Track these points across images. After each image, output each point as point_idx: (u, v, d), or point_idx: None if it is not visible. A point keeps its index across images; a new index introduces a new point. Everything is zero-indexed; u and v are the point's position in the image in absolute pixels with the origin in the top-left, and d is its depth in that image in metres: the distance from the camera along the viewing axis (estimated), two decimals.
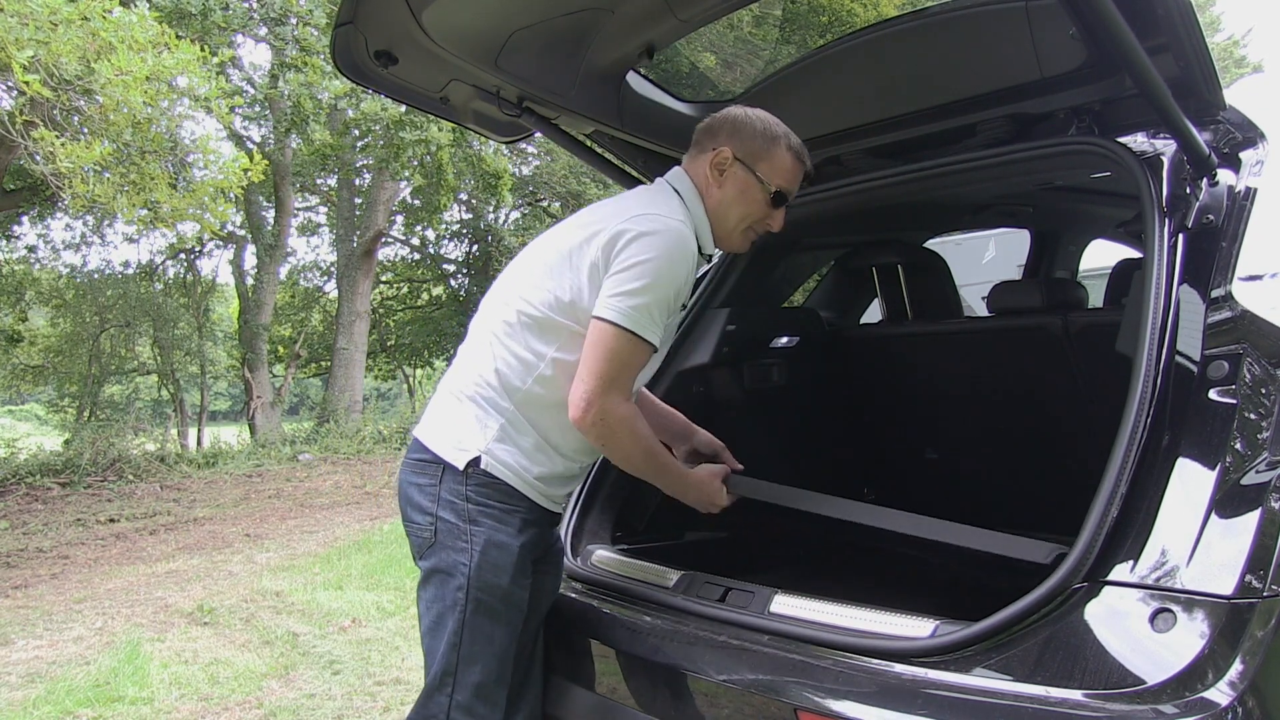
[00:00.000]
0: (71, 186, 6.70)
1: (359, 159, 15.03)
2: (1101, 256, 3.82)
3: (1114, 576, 1.26)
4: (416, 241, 21.85)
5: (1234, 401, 1.33)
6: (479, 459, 1.67)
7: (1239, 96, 1.83)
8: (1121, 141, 1.76)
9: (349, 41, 1.93)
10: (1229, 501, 1.24)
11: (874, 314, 3.28)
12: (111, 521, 8.69)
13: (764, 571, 1.95)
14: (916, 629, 1.42)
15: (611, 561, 2.03)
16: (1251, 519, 1.20)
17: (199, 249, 18.73)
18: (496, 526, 1.67)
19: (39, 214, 13.77)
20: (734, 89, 2.52)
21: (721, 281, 2.53)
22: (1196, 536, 1.23)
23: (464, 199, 19.08)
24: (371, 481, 10.98)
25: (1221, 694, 1.08)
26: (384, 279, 22.65)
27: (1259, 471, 1.25)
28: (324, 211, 21.11)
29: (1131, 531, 1.29)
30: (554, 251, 1.75)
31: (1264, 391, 1.34)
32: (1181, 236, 1.58)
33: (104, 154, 6.69)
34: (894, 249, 2.91)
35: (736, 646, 1.56)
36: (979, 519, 2.70)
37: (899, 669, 1.35)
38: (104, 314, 17.24)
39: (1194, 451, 1.32)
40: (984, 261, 6.41)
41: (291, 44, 11.49)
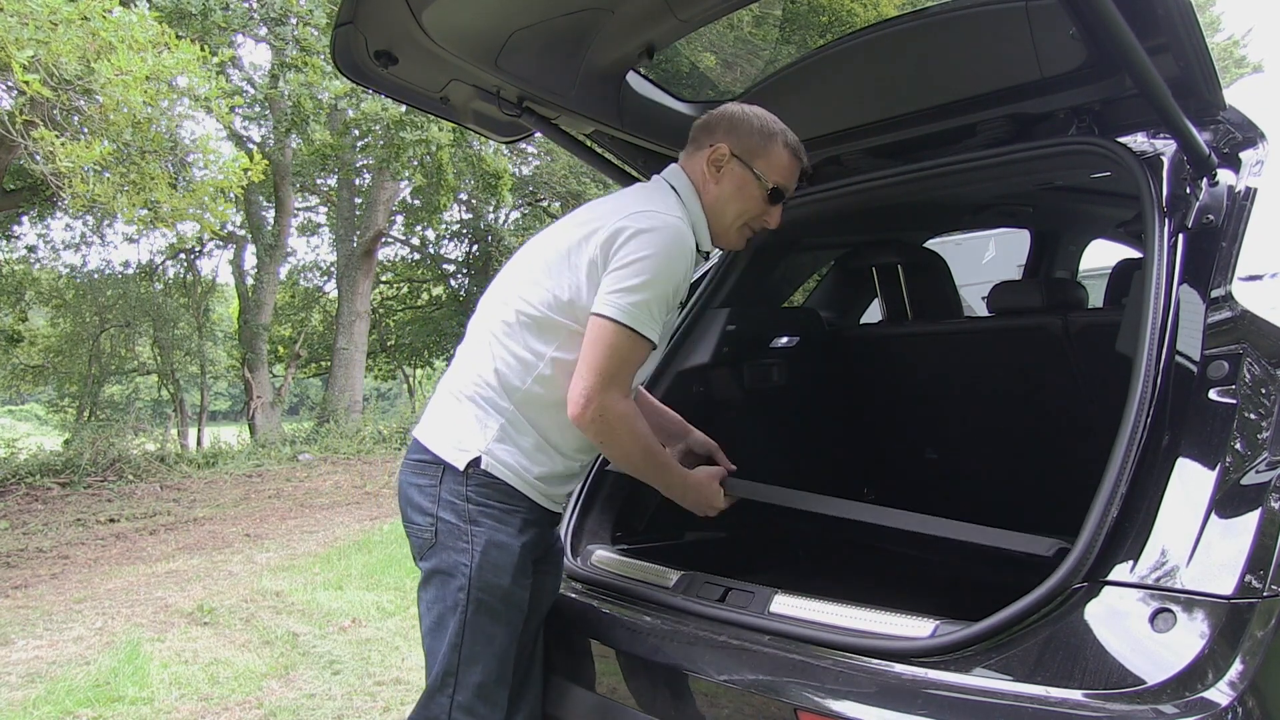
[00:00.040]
0: (71, 186, 6.71)
1: (359, 159, 15.04)
2: (1101, 256, 3.82)
3: (1114, 576, 1.26)
4: (416, 241, 21.86)
5: (1234, 401, 1.33)
6: (479, 459, 1.67)
7: (1239, 96, 1.83)
8: (1121, 141, 1.76)
9: (349, 41, 1.93)
10: (1229, 501, 1.24)
11: (874, 314, 3.28)
12: (111, 521, 8.69)
13: (764, 571, 1.95)
14: (916, 629, 1.42)
15: (611, 561, 2.03)
16: (1251, 519, 1.21)
17: (199, 249, 18.74)
18: (497, 527, 1.67)
19: (39, 214, 13.78)
20: (734, 89, 2.52)
21: (721, 281, 2.53)
22: (1196, 536, 1.23)
23: (464, 199, 19.09)
24: (371, 481, 10.98)
25: (1221, 694, 1.08)
26: (384, 279, 22.66)
27: (1259, 471, 1.25)
28: (324, 211, 21.12)
29: (1131, 531, 1.29)
30: (552, 250, 1.74)
31: (1264, 391, 1.34)
32: (1181, 236, 1.59)
33: (104, 154, 6.69)
34: (894, 249, 2.91)
35: (736, 646, 1.56)
36: (979, 519, 2.71)
37: (899, 669, 1.35)
38: (104, 314, 17.24)
39: (1194, 451, 1.32)
40: (984, 261, 6.41)
41: (291, 44, 11.49)
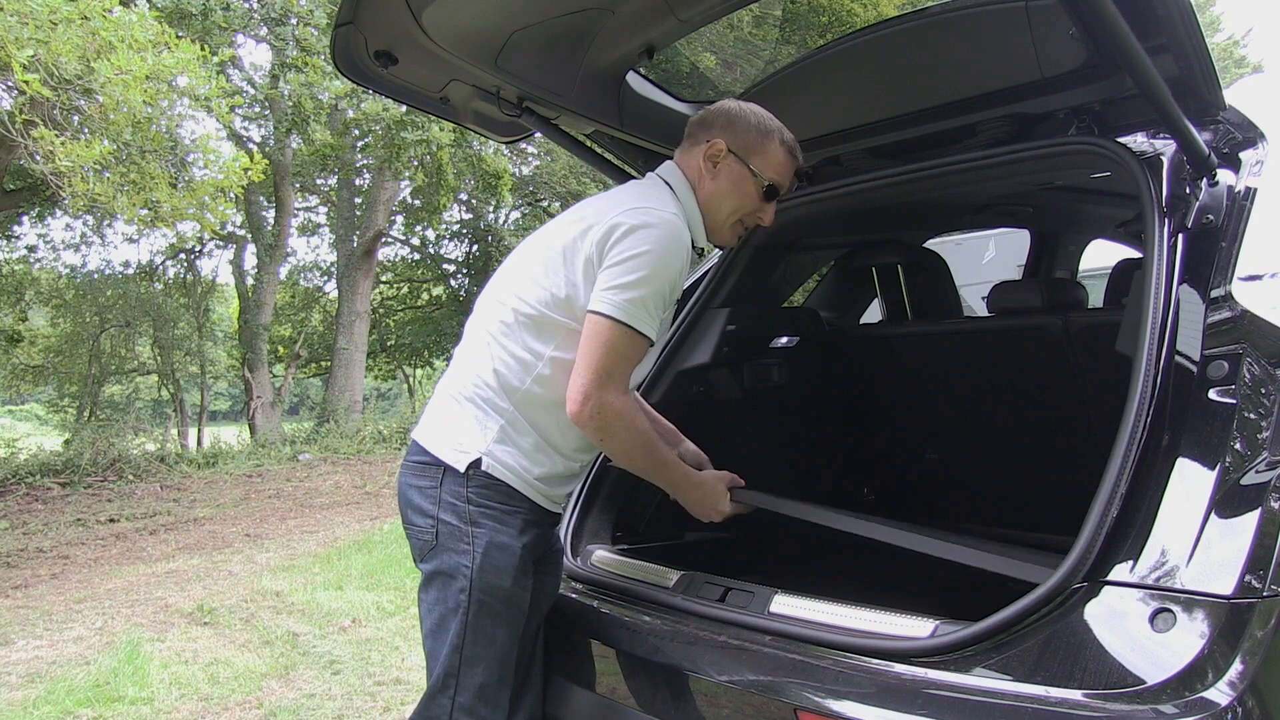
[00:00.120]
0: (71, 186, 6.71)
1: (359, 159, 15.04)
2: (1101, 256, 3.82)
3: (1114, 576, 1.26)
4: (416, 241, 21.85)
5: (1234, 401, 1.33)
6: (480, 460, 1.67)
7: (1239, 96, 1.83)
8: (1121, 141, 1.75)
9: (349, 41, 1.93)
10: (1229, 501, 1.24)
11: (874, 314, 3.28)
12: (111, 521, 8.69)
13: (764, 571, 1.94)
14: (916, 629, 1.42)
15: (611, 562, 2.02)
16: (1251, 519, 1.20)
17: (199, 249, 18.74)
18: (498, 528, 1.67)
19: (39, 214, 13.77)
20: (734, 89, 2.52)
21: (721, 281, 2.52)
22: (1196, 536, 1.22)
23: (464, 199, 19.09)
24: (371, 481, 10.98)
25: (1221, 694, 1.08)
26: (384, 279, 22.66)
27: (1259, 471, 1.25)
28: (324, 211, 21.11)
29: (1131, 531, 1.29)
30: (548, 249, 1.74)
31: (1264, 391, 1.34)
32: (1181, 236, 1.58)
33: (104, 153, 6.70)
34: (894, 249, 2.90)
35: (736, 646, 1.56)
36: (978, 519, 2.72)
37: (899, 669, 1.35)
38: (104, 314, 17.26)
39: (1194, 451, 1.32)
40: (984, 261, 6.41)
41: (292, 44, 11.49)
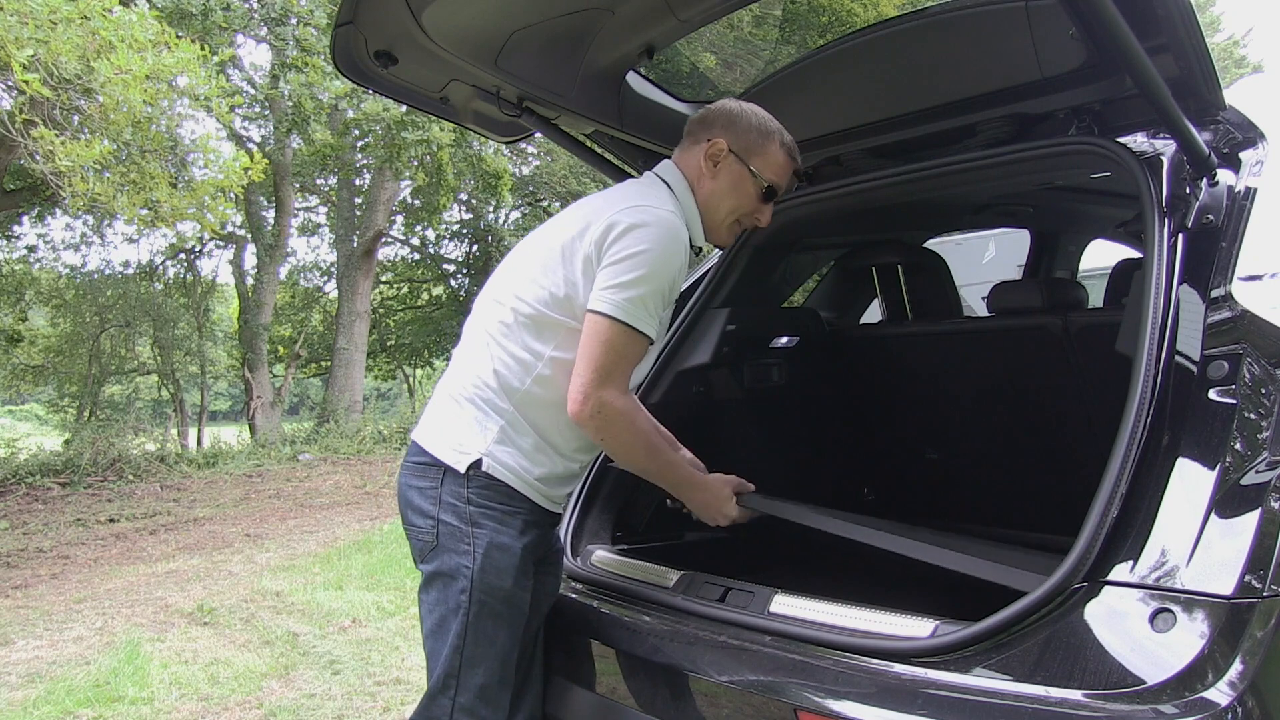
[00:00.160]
0: (71, 185, 6.71)
1: (359, 159, 15.04)
2: (1101, 256, 3.82)
3: (1114, 576, 1.26)
4: (416, 241, 21.86)
5: (1234, 401, 1.33)
6: (480, 461, 1.67)
7: (1239, 96, 1.83)
8: (1121, 141, 1.75)
9: (349, 41, 1.93)
10: (1229, 501, 1.24)
11: (874, 314, 3.28)
12: (111, 521, 8.69)
13: (764, 571, 1.94)
14: (916, 629, 1.42)
15: (611, 562, 2.02)
16: (1251, 519, 1.20)
17: (199, 249, 18.74)
18: (498, 529, 1.67)
19: (39, 214, 13.77)
20: (734, 89, 2.52)
21: (721, 281, 2.52)
22: (1196, 536, 1.22)
23: (464, 199, 19.09)
24: (371, 481, 10.98)
25: (1221, 694, 1.08)
26: (384, 279, 22.65)
27: (1259, 471, 1.25)
28: (324, 211, 21.11)
29: (1131, 531, 1.29)
30: (546, 248, 1.74)
31: (1264, 391, 1.34)
32: (1181, 236, 1.58)
33: (104, 153, 6.70)
34: (894, 249, 2.90)
35: (736, 646, 1.56)
36: (978, 519, 2.72)
37: (899, 669, 1.35)
38: (104, 314, 17.26)
39: (1194, 451, 1.32)
40: (984, 261, 6.41)
41: (292, 44, 11.49)
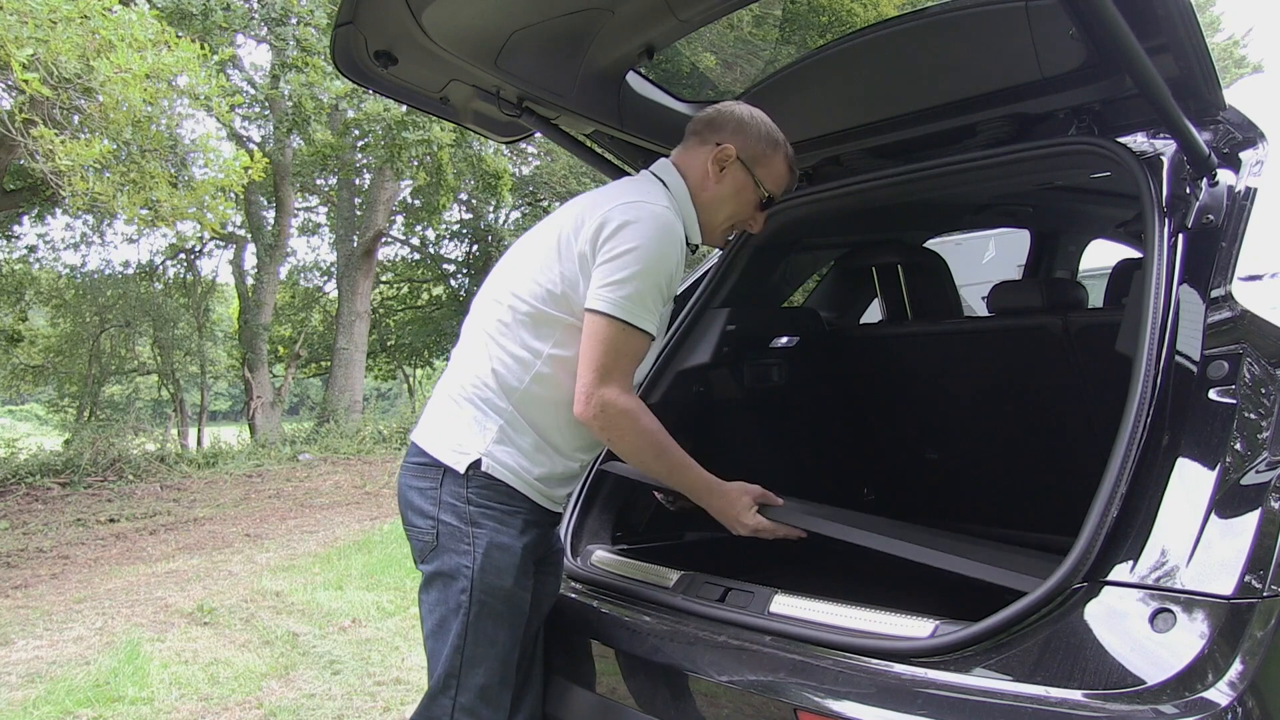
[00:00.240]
0: (71, 185, 6.71)
1: (359, 159, 15.04)
2: (1101, 256, 3.82)
3: (1114, 576, 1.26)
4: (416, 241, 21.86)
5: (1234, 401, 1.33)
6: (479, 461, 1.67)
7: (1239, 96, 1.83)
8: (1121, 141, 1.75)
9: (349, 41, 1.93)
10: (1229, 501, 1.24)
11: (874, 314, 3.28)
12: (111, 521, 8.69)
13: (764, 571, 1.94)
14: (916, 629, 1.42)
15: (611, 562, 2.02)
16: (1251, 519, 1.20)
17: (199, 249, 18.74)
18: (498, 528, 1.67)
19: (39, 214, 13.77)
20: (734, 89, 2.52)
21: (721, 281, 2.52)
22: (1196, 536, 1.22)
23: (464, 199, 19.09)
24: (371, 481, 10.98)
25: (1221, 694, 1.08)
26: (384, 279, 22.65)
27: (1259, 471, 1.25)
28: (324, 211, 21.11)
29: (1131, 531, 1.29)
30: (542, 246, 1.74)
31: (1264, 391, 1.34)
32: (1181, 236, 1.58)
33: (104, 152, 6.70)
34: (894, 249, 2.90)
35: (736, 646, 1.55)
36: (978, 518, 2.72)
37: (899, 669, 1.35)
38: (104, 314, 17.26)
39: (1194, 451, 1.32)
40: (984, 261, 6.41)
41: (292, 44, 11.49)
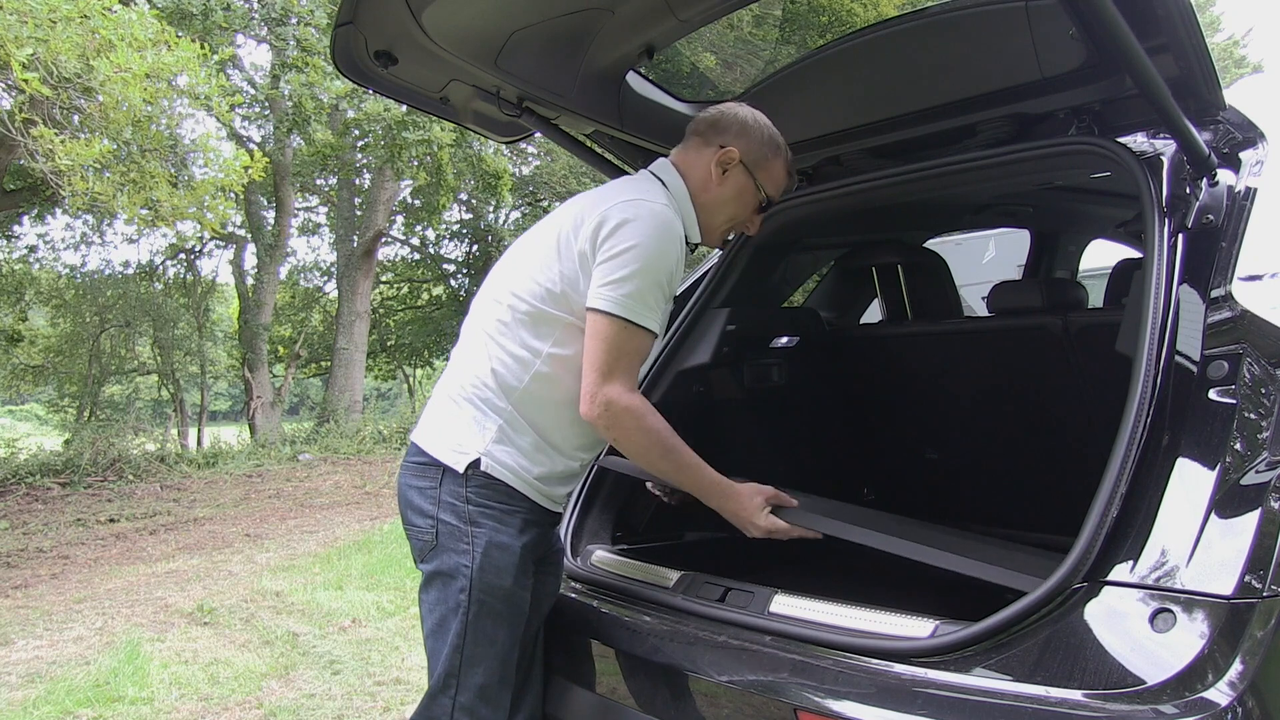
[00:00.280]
0: (71, 184, 6.71)
1: (359, 159, 15.04)
2: (1101, 256, 3.82)
3: (1114, 576, 1.26)
4: (416, 241, 21.86)
5: (1234, 401, 1.33)
6: (479, 461, 1.67)
7: (1239, 96, 1.83)
8: (1121, 141, 1.75)
9: (349, 41, 1.93)
10: (1229, 501, 1.24)
11: (874, 314, 3.28)
12: (111, 521, 8.69)
13: (764, 571, 1.94)
14: (916, 629, 1.42)
15: (611, 562, 2.02)
16: (1251, 519, 1.20)
17: (199, 249, 18.74)
18: (498, 528, 1.67)
19: (39, 214, 13.76)
20: (734, 89, 2.52)
21: (721, 281, 2.52)
22: (1196, 536, 1.22)
23: (464, 199, 19.09)
24: (371, 481, 10.98)
25: (1221, 694, 1.08)
26: (384, 279, 22.65)
27: (1259, 471, 1.25)
28: (324, 211, 21.11)
29: (1131, 531, 1.29)
30: (541, 246, 1.74)
31: (1264, 391, 1.34)
32: (1181, 236, 1.58)
33: (104, 152, 6.70)
34: (894, 249, 2.90)
35: (736, 646, 1.56)
36: (978, 518, 2.72)
37: (899, 669, 1.35)
38: (104, 314, 17.26)
39: (1194, 451, 1.32)
40: (984, 261, 6.40)
41: (292, 44, 11.49)
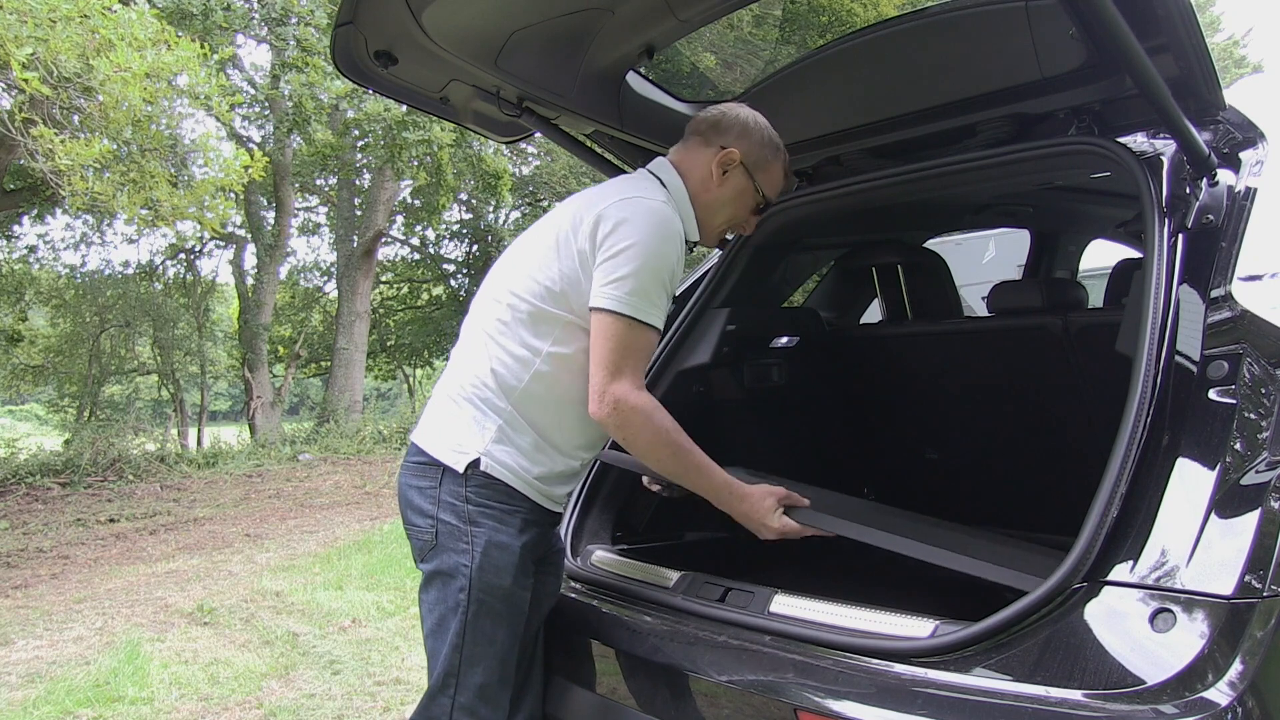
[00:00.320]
0: (71, 184, 6.71)
1: (359, 159, 15.04)
2: (1101, 256, 3.82)
3: (1114, 576, 1.26)
4: (416, 241, 21.86)
5: (1234, 401, 1.33)
6: (478, 460, 1.67)
7: (1239, 96, 1.83)
8: (1121, 141, 1.76)
9: (349, 41, 1.93)
10: (1229, 501, 1.24)
11: (874, 314, 3.28)
12: (111, 521, 8.69)
13: (764, 571, 1.94)
14: (916, 629, 1.42)
15: (611, 562, 2.02)
16: (1251, 519, 1.20)
17: (199, 249, 18.74)
18: (497, 527, 1.67)
19: (39, 214, 13.76)
20: (734, 89, 2.52)
21: (721, 281, 2.52)
22: (1196, 536, 1.22)
23: (464, 199, 19.09)
24: (371, 481, 10.98)
25: (1221, 694, 1.08)
26: (384, 279, 22.65)
27: (1259, 471, 1.25)
28: (324, 211, 21.11)
29: (1131, 531, 1.29)
30: (541, 245, 1.74)
31: (1264, 391, 1.34)
32: (1181, 236, 1.58)
33: (104, 152, 6.70)
34: (894, 249, 2.90)
35: (736, 646, 1.56)
36: (978, 518, 2.72)
37: (899, 669, 1.35)
38: (104, 314, 17.25)
39: (1194, 451, 1.32)
40: (984, 261, 6.40)
41: (292, 44, 11.49)
